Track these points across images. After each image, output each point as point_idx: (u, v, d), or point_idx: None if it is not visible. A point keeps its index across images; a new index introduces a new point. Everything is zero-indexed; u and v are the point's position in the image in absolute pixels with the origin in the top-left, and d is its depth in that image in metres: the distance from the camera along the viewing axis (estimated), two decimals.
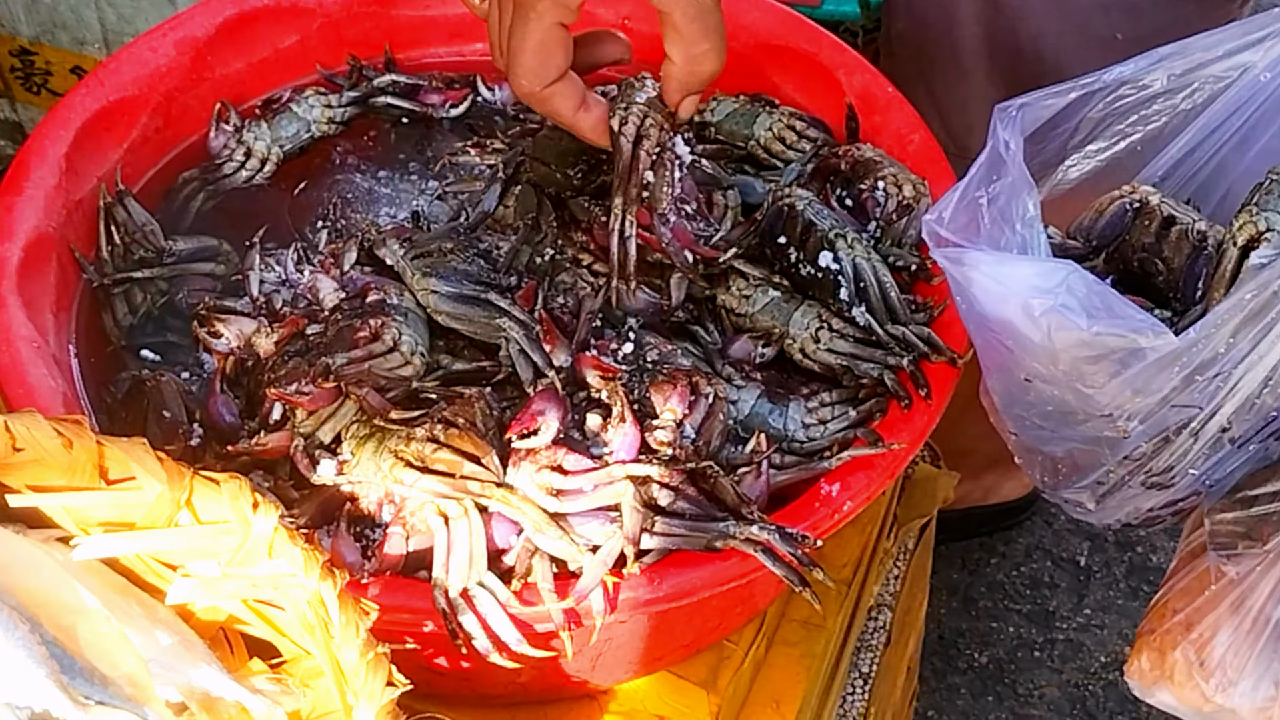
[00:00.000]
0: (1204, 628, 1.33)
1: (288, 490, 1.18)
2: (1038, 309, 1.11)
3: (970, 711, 2.29)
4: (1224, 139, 1.35)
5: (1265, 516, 1.24)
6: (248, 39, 1.54)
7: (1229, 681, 1.32)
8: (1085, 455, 1.25)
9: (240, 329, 1.26)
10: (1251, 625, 1.31)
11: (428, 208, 1.44)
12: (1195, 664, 1.33)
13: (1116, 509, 1.31)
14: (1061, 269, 1.12)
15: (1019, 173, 1.20)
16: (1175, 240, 1.30)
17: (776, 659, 1.44)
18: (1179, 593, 1.38)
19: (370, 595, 1.09)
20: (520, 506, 1.11)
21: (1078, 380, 1.16)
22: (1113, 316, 1.11)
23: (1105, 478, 1.26)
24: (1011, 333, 1.15)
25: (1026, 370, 1.19)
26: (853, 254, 1.30)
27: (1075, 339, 1.11)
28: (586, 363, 1.21)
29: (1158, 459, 1.22)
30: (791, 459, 1.23)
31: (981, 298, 1.16)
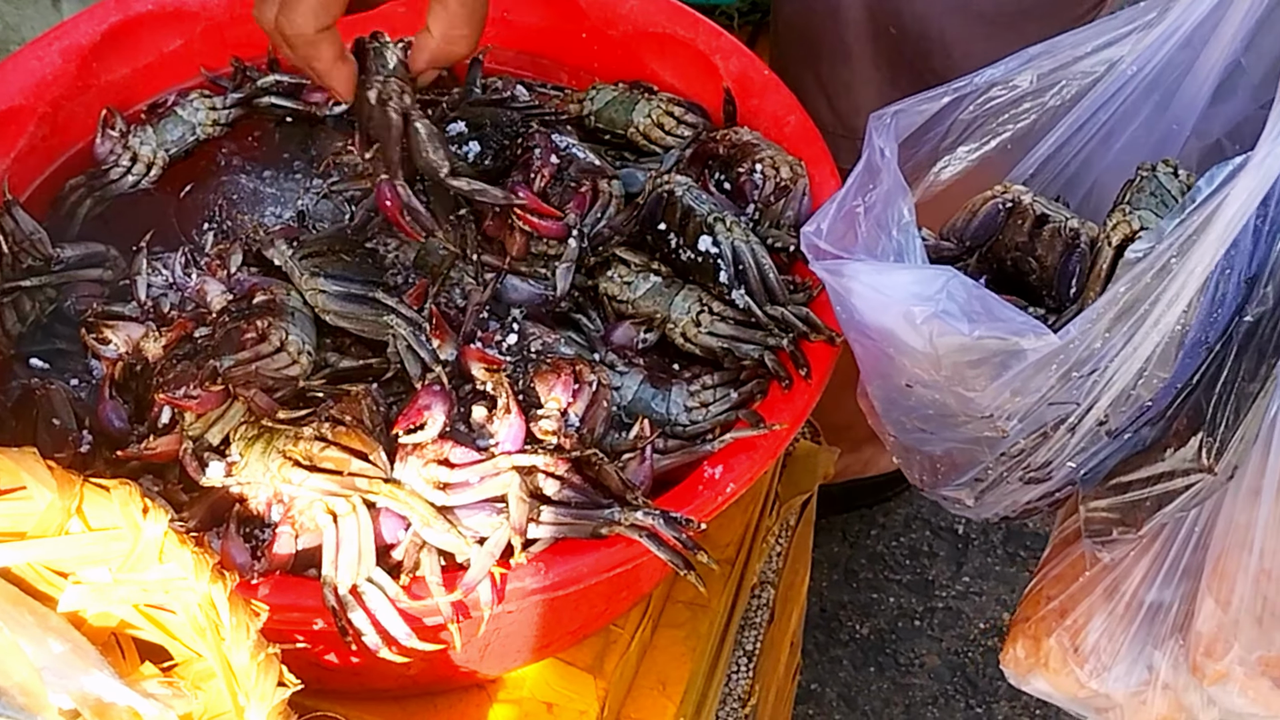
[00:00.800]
0: (1078, 614, 1.37)
1: (177, 493, 1.20)
2: (919, 316, 1.14)
3: (852, 683, 2.34)
4: (1091, 134, 1.38)
5: (1138, 502, 1.26)
6: (132, 44, 1.55)
7: (1103, 667, 1.36)
8: (964, 454, 1.28)
9: (128, 334, 1.27)
10: (1125, 610, 1.36)
11: (313, 207, 1.45)
12: (1070, 650, 1.37)
13: (995, 504, 1.34)
14: (941, 275, 1.15)
15: (894, 179, 1.23)
16: (1048, 238, 1.33)
17: (662, 641, 1.48)
18: (1053, 580, 1.42)
19: (260, 595, 1.12)
20: (408, 501, 1.14)
21: (959, 384, 1.19)
22: (993, 320, 1.13)
23: (984, 475, 1.29)
24: (892, 341, 1.18)
25: (908, 376, 1.22)
26: (731, 238, 1.34)
27: (957, 344, 1.14)
28: (471, 355, 1.24)
29: (1035, 455, 1.25)
30: (675, 443, 1.27)
31: (861, 308, 1.18)
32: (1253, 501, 1.26)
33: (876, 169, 1.23)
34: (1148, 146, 1.36)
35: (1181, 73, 1.34)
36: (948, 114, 1.35)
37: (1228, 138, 1.35)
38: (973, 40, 1.66)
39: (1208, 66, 1.34)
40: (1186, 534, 1.29)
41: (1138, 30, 1.33)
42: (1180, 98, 1.35)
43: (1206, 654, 1.32)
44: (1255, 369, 1.18)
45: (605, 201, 1.39)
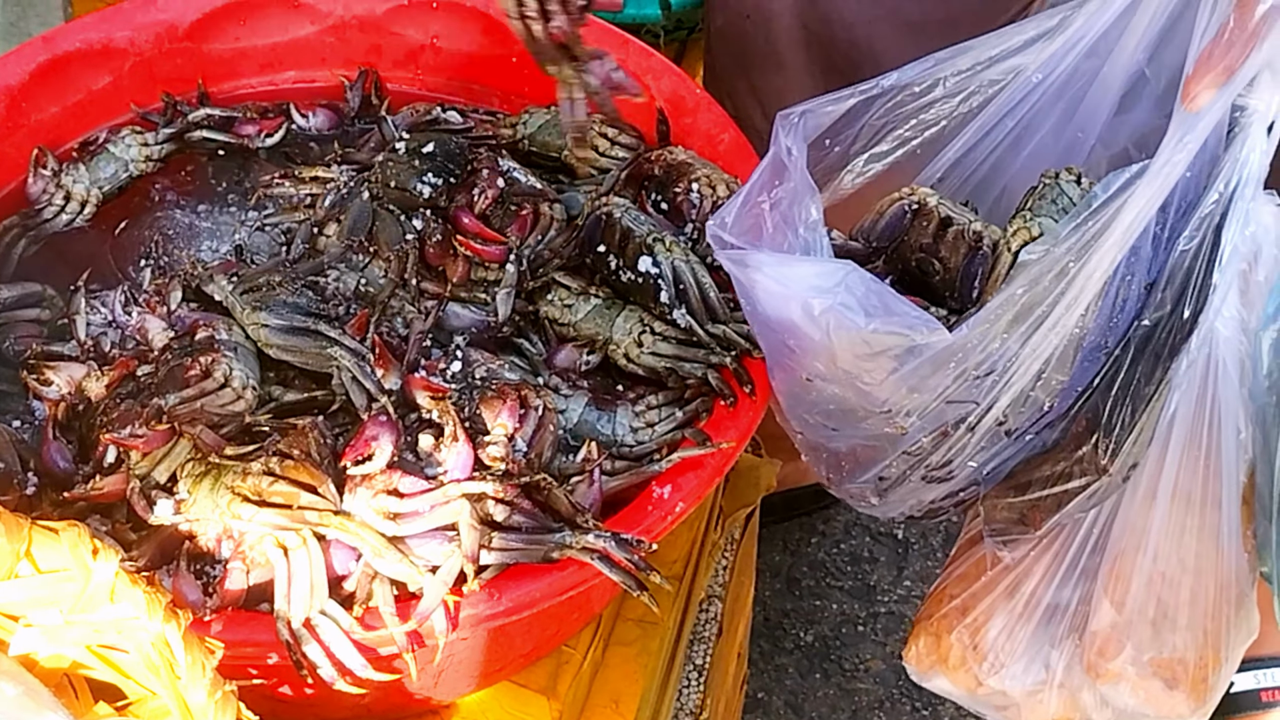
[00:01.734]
0: (979, 612, 1.39)
1: (126, 533, 1.19)
2: (817, 308, 1.16)
3: (799, 690, 2.35)
4: (999, 140, 1.41)
5: (1038, 503, 1.30)
6: (62, 83, 1.54)
7: (1001, 664, 1.38)
8: (867, 451, 1.30)
9: (70, 374, 1.26)
10: (1024, 610, 1.38)
11: (249, 239, 1.45)
12: (969, 648, 1.40)
13: (899, 502, 1.36)
14: (840, 269, 1.17)
15: (801, 178, 1.24)
16: (952, 240, 1.35)
17: (613, 659, 1.48)
18: (956, 579, 1.44)
19: (214, 632, 1.11)
20: (358, 533, 1.14)
21: (857, 378, 1.21)
22: (889, 314, 1.16)
23: (886, 473, 1.31)
24: (793, 333, 1.20)
25: (808, 370, 1.23)
26: (671, 257, 1.35)
27: (854, 337, 1.16)
28: (416, 384, 1.24)
29: (936, 453, 1.27)
30: (622, 464, 1.28)
31: (764, 299, 1.20)
32: (1149, 505, 1.29)
33: (782, 166, 1.25)
34: (1054, 154, 1.39)
35: (1086, 82, 1.36)
36: (856, 117, 1.38)
37: (1134, 146, 1.38)
38: (902, 48, 1.67)
39: (1112, 76, 1.37)
40: (1085, 536, 1.32)
41: (1043, 38, 1.35)
42: (1086, 106, 1.38)
43: (1100, 654, 1.36)
44: (1151, 372, 1.21)
45: (546, 224, 1.40)
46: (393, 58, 1.66)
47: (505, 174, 1.41)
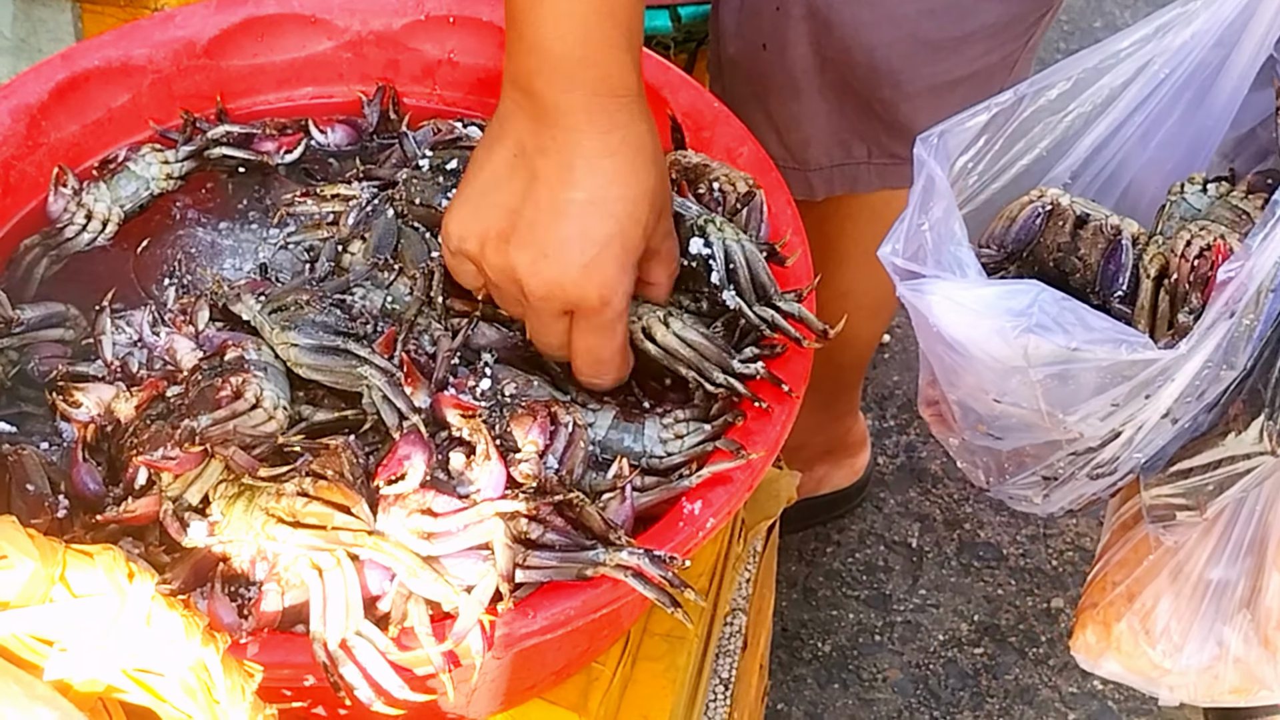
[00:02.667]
0: (1146, 597, 1.40)
1: (158, 555, 1.18)
2: (1012, 331, 1.16)
3: (818, 700, 2.35)
4: (1127, 136, 1.41)
5: (1200, 487, 1.30)
6: (81, 101, 1.54)
7: (1175, 647, 1.39)
8: (1034, 451, 1.31)
9: (99, 396, 1.26)
10: (1191, 591, 1.39)
11: (272, 258, 1.44)
12: (1141, 633, 1.40)
13: (1061, 499, 1.38)
14: (1030, 289, 1.17)
15: (948, 200, 1.25)
16: (1090, 237, 1.36)
17: (641, 675, 1.48)
18: (1116, 565, 1.45)
19: (250, 654, 1.11)
20: (393, 553, 1.13)
21: (1046, 398, 1.21)
22: (1089, 330, 1.16)
23: (1052, 472, 1.31)
24: (981, 355, 1.20)
25: (996, 390, 1.24)
26: (723, 237, 1.34)
27: (1053, 356, 1.16)
28: (446, 402, 1.24)
29: (1104, 451, 1.28)
30: (652, 480, 1.27)
31: (947, 323, 1.20)
32: None
33: (932, 190, 1.26)
34: (1183, 143, 1.40)
35: (1214, 71, 1.37)
36: (992, 129, 1.38)
37: (1262, 126, 1.38)
38: (919, 66, 1.68)
39: (1240, 63, 1.37)
40: (1248, 512, 1.32)
41: (1168, 32, 1.36)
42: (1214, 95, 1.38)
43: (1277, 627, 1.35)
44: None
45: None
46: (410, 73, 1.66)
47: None
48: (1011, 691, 2.36)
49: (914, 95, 1.71)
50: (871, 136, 1.77)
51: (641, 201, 1.22)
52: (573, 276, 1.21)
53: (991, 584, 2.50)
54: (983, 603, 2.47)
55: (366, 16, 1.64)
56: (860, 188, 1.83)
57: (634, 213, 1.21)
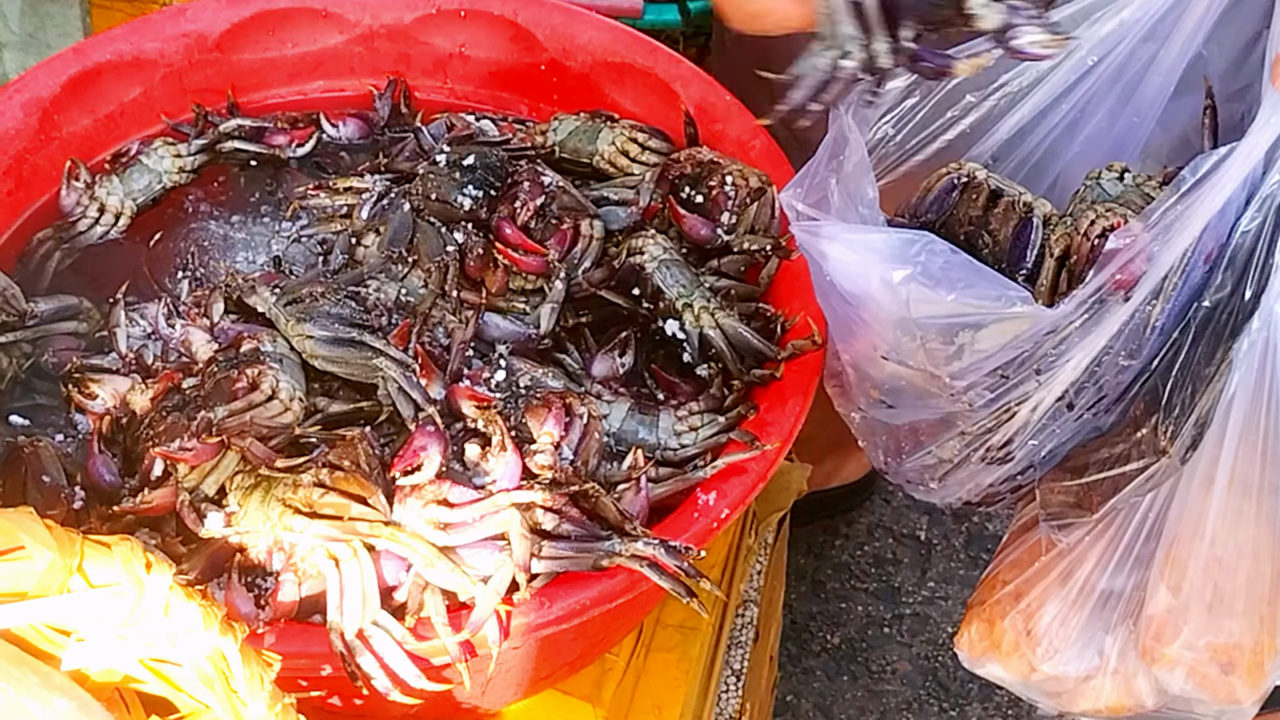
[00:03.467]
0: (1032, 598, 1.39)
1: (175, 546, 1.19)
2: (896, 278, 1.15)
3: (827, 692, 2.35)
4: (1053, 123, 1.40)
5: (1094, 485, 1.29)
6: (93, 95, 1.54)
7: (1055, 650, 1.38)
8: (928, 429, 1.30)
9: (115, 388, 1.26)
10: (1078, 595, 1.38)
11: (286, 251, 1.45)
12: (1023, 633, 1.39)
13: (958, 487, 1.36)
14: (918, 238, 1.16)
15: (860, 156, 1.24)
16: (1003, 212, 1.35)
17: (654, 665, 1.48)
18: (1009, 565, 1.44)
19: (267, 644, 1.11)
20: (409, 543, 1.14)
21: (931, 351, 1.20)
22: (973, 284, 1.15)
23: (946, 454, 1.31)
24: (868, 304, 1.19)
25: (881, 344, 1.23)
26: (699, 326, 1.36)
27: (935, 308, 1.15)
28: (461, 394, 1.24)
29: (997, 433, 1.27)
30: (667, 471, 1.27)
31: (839, 270, 1.19)
32: (1206, 490, 1.28)
33: (844, 141, 1.25)
34: (1110, 138, 1.39)
35: (1143, 66, 1.36)
36: (915, 98, 1.37)
37: (1193, 131, 1.37)
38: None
39: (1168, 60, 1.36)
40: (1140, 521, 1.31)
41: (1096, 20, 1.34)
42: (1143, 91, 1.37)
43: (1156, 639, 1.35)
44: (1211, 354, 1.20)
45: (586, 244, 1.40)
46: (421, 66, 1.66)
47: (546, 187, 1.41)
48: None
49: None
50: None
51: None
52: None
53: None
54: None
55: (378, 10, 1.64)
56: None
57: None
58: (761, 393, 1.33)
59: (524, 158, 1.48)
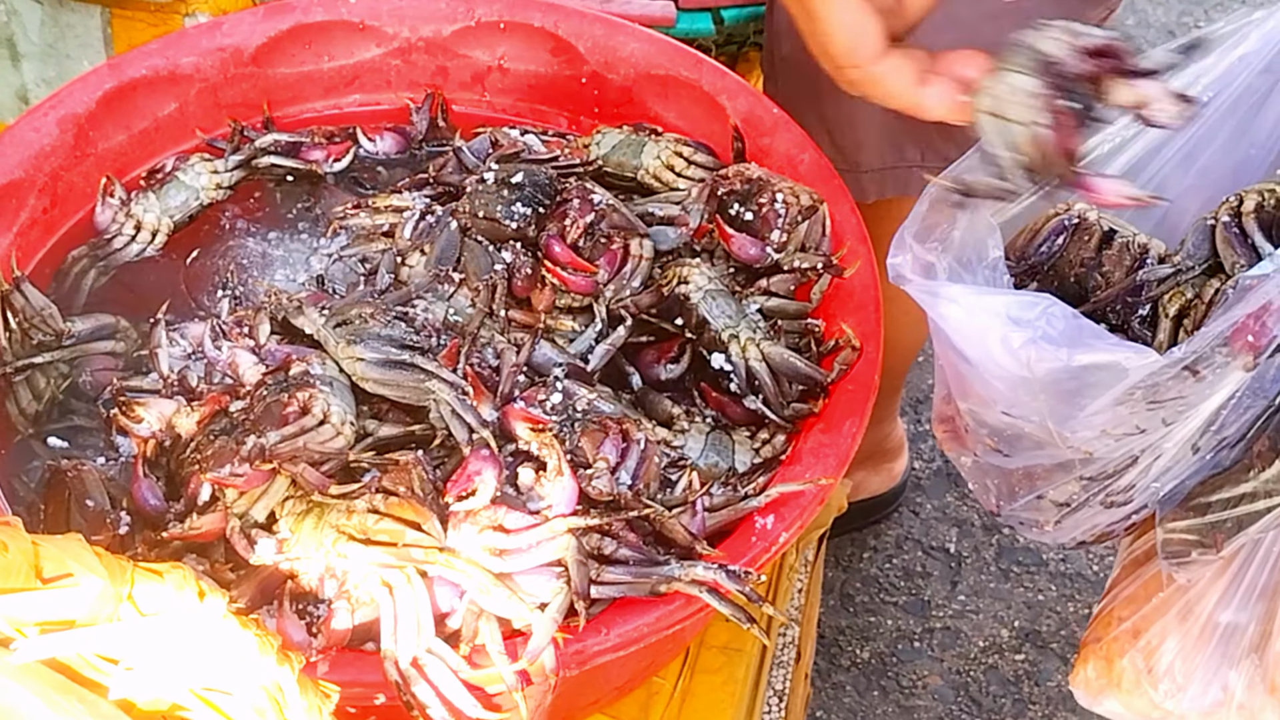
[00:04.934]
0: (1152, 635, 1.37)
1: (223, 572, 1.16)
2: (1016, 341, 1.14)
3: (857, 708, 2.33)
4: (1166, 158, 1.37)
5: (1218, 524, 1.27)
6: (128, 110, 1.52)
7: (1178, 688, 1.36)
8: (1045, 473, 1.28)
9: (160, 411, 1.23)
10: (1200, 632, 1.36)
11: (328, 270, 1.42)
12: (1143, 671, 1.37)
13: (1074, 528, 1.34)
14: (1039, 301, 1.15)
15: (979, 215, 1.22)
16: (1116, 253, 1.34)
17: (699, 688, 1.46)
18: (1124, 601, 1.42)
19: (320, 673, 1.09)
20: (465, 570, 1.11)
21: (1054, 413, 1.18)
22: (1093, 345, 1.13)
23: (1065, 498, 1.28)
24: (988, 365, 1.18)
25: (1004, 403, 1.21)
26: (746, 358, 1.34)
27: (1057, 369, 1.14)
28: (515, 415, 1.22)
29: (1122, 479, 1.25)
30: (721, 498, 1.25)
31: (958, 332, 1.18)
32: None
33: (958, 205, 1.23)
34: (1226, 170, 1.36)
35: (1261, 98, 1.33)
36: None
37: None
38: None
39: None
40: (1264, 555, 1.29)
41: (1213, 52, 1.32)
42: (1260, 123, 1.35)
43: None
44: None
45: (636, 264, 1.38)
46: (459, 79, 1.64)
47: (596, 205, 1.38)
48: (1054, 698, 2.34)
49: None
50: (925, 139, 1.75)
51: None
52: None
53: (1031, 589, 2.48)
54: (1023, 608, 2.45)
55: (416, 22, 1.62)
56: (912, 190, 1.81)
57: None
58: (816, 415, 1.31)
59: (573, 175, 1.45)
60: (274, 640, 1.01)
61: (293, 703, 1.01)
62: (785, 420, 1.32)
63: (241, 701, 1.04)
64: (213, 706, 1.06)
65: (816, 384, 1.33)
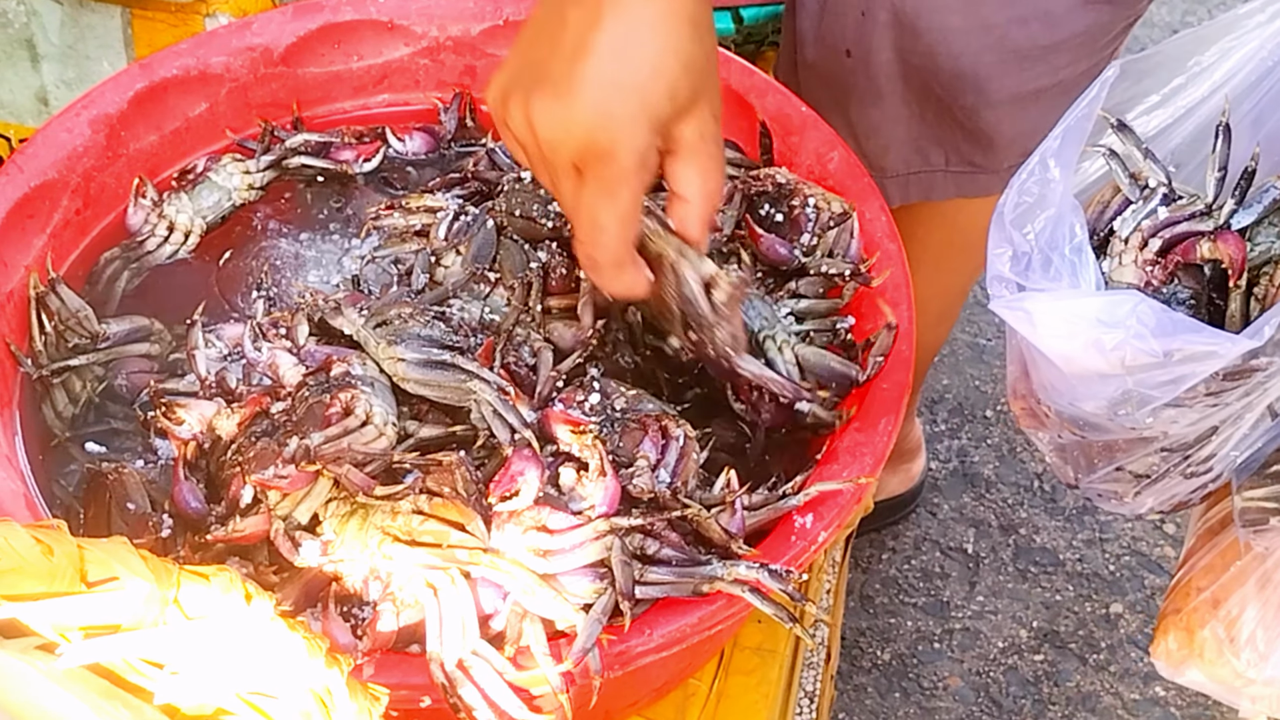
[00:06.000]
0: (1231, 604, 1.36)
1: (267, 575, 1.16)
2: (1109, 344, 1.13)
3: (879, 710, 2.33)
4: (1234, 122, 1.34)
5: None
6: (159, 110, 1.51)
7: (1260, 656, 1.35)
8: (1125, 445, 1.28)
9: (201, 412, 1.23)
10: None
11: (362, 271, 1.42)
12: (1225, 641, 1.36)
13: (1153, 498, 1.35)
14: (1128, 300, 1.14)
15: (1063, 199, 1.22)
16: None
17: (733, 689, 1.46)
18: (1202, 570, 1.41)
19: (366, 675, 1.09)
20: (510, 570, 1.11)
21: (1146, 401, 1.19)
22: (1185, 335, 1.13)
23: (1145, 469, 1.29)
24: (1076, 366, 1.18)
25: (1095, 401, 1.22)
26: (781, 359, 1.33)
27: (1150, 363, 1.13)
28: (556, 418, 1.21)
29: (1202, 449, 1.25)
30: (760, 498, 1.24)
31: (1046, 337, 1.17)
32: None
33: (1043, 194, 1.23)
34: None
35: None
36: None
37: None
38: (1005, 74, 1.67)
39: None
40: None
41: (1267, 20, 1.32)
42: None
43: None
44: None
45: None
46: (487, 78, 1.62)
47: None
48: (1074, 699, 2.34)
49: (998, 103, 1.69)
50: (950, 143, 1.75)
51: (670, 58, 1.08)
52: (580, 116, 1.08)
53: (1049, 589, 2.48)
54: (1041, 609, 2.45)
55: (444, 22, 1.61)
56: (935, 195, 1.81)
57: (660, 68, 1.07)
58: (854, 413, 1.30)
59: None
60: (322, 643, 1.00)
61: (341, 706, 1.01)
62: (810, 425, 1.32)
63: (288, 705, 1.03)
64: (259, 711, 1.06)
65: (851, 382, 1.32)
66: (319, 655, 1.01)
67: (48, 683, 1.00)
